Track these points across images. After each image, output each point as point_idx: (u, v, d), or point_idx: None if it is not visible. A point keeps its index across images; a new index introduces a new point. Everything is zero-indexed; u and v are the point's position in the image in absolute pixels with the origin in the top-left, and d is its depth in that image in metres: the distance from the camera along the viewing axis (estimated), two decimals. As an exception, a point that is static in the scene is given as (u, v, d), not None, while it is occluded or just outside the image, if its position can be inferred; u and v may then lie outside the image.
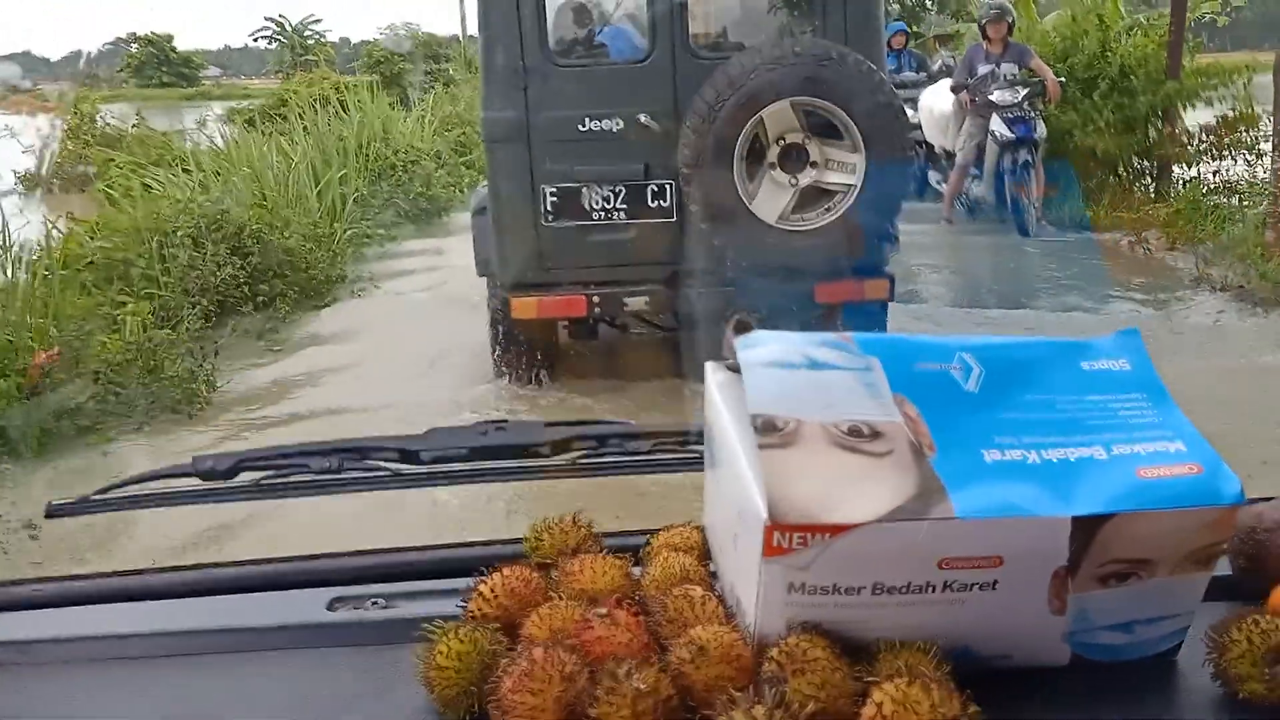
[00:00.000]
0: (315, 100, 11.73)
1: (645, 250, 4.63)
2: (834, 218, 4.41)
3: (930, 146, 9.29)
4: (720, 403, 0.95)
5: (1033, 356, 0.91)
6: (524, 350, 5.00)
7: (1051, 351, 0.92)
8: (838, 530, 0.78)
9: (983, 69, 8.18)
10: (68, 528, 3.23)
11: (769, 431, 0.82)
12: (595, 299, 4.67)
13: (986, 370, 0.89)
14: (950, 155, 8.93)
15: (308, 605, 1.06)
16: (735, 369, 0.98)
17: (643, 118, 4.53)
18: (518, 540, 1.09)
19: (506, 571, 0.96)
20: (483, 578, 0.96)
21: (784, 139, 4.39)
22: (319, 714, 0.89)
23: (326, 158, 9.80)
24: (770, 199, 4.43)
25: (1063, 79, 8.40)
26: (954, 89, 8.49)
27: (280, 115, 11.60)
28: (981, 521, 0.79)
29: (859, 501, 0.79)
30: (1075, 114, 8.72)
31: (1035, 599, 0.83)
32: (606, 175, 4.57)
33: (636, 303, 4.73)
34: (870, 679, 0.78)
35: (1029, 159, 8.03)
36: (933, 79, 9.91)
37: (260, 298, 6.81)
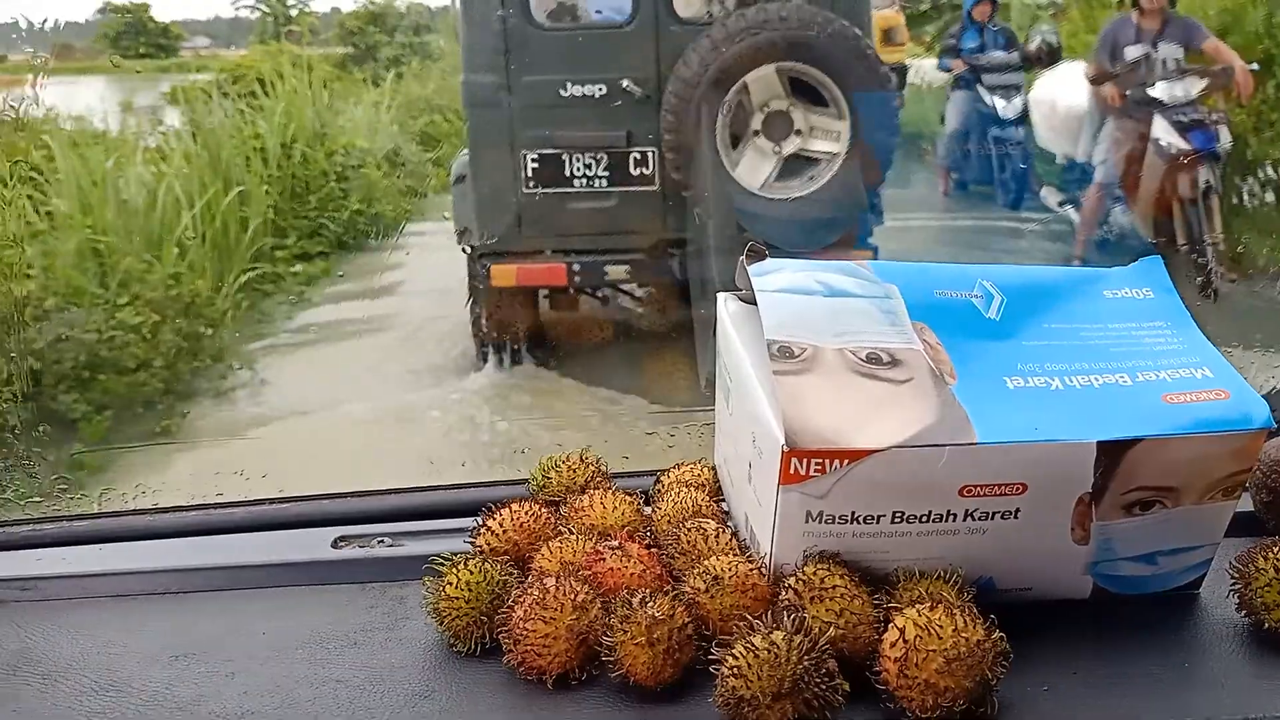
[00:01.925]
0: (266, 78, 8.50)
1: (627, 219, 4.55)
2: (818, 186, 4.37)
3: (1049, 156, 6.94)
4: (733, 333, 0.93)
5: (1054, 285, 0.89)
6: (504, 322, 4.90)
7: (1073, 280, 0.90)
8: (856, 456, 0.76)
9: (1133, 51, 5.70)
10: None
11: (785, 357, 0.80)
12: (575, 268, 4.60)
13: (1008, 298, 0.87)
14: (1080, 169, 6.35)
15: (311, 544, 1.04)
16: (747, 299, 0.96)
17: (625, 83, 4.46)
18: (523, 480, 1.07)
19: (515, 506, 0.95)
20: (490, 513, 0.95)
21: (768, 106, 4.36)
22: (325, 647, 0.87)
23: (221, 167, 6.79)
24: (753, 167, 4.39)
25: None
26: (1094, 79, 6.01)
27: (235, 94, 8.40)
28: (1005, 447, 0.77)
29: (878, 427, 0.77)
30: (1244, 114, 6.04)
31: (1058, 528, 0.81)
32: (588, 142, 4.48)
33: (617, 272, 4.66)
34: (891, 605, 0.77)
35: (1210, 180, 5.41)
36: (1030, 62, 7.48)
37: (40, 428, 3.63)
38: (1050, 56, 7.21)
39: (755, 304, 0.87)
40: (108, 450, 3.80)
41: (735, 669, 0.71)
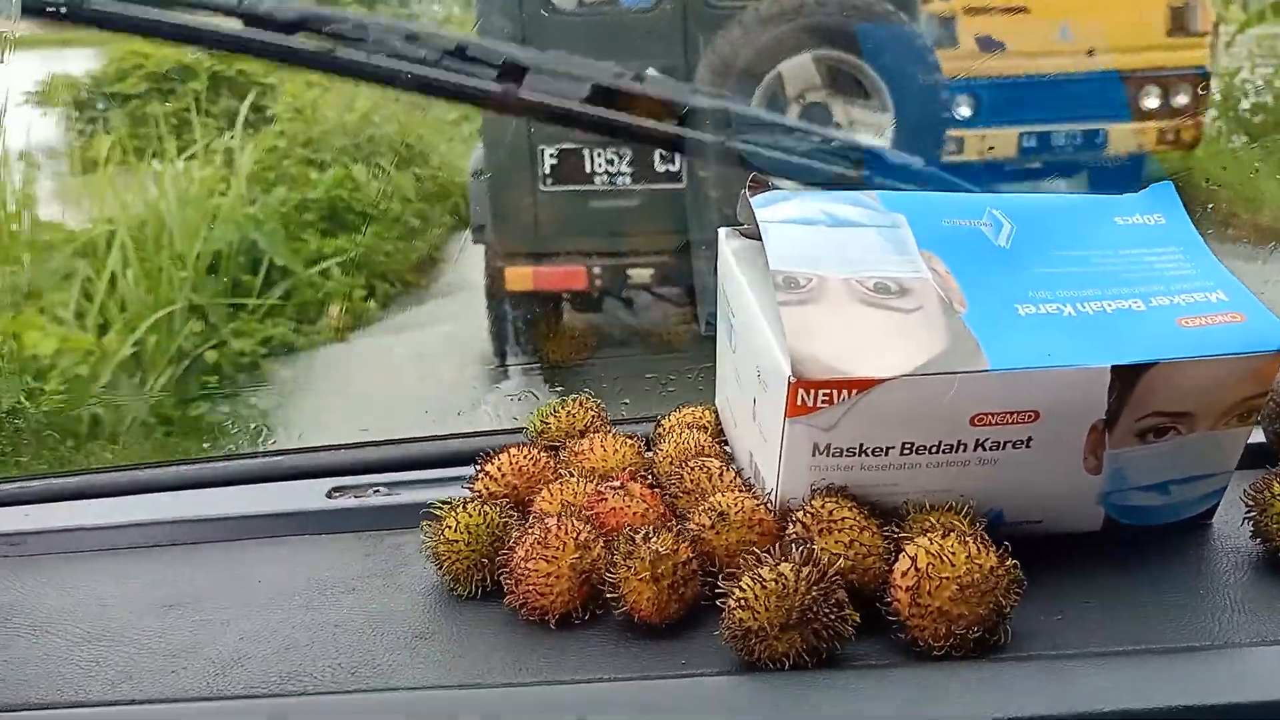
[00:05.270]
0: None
1: (652, 218, 4.25)
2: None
3: None
4: (736, 267, 0.90)
5: (1065, 212, 0.87)
6: (523, 327, 4.61)
7: (1084, 207, 0.88)
8: (864, 385, 0.74)
9: None
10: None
11: (791, 288, 0.78)
12: (596, 270, 4.31)
13: (1017, 226, 0.85)
14: None
15: (306, 494, 1.02)
16: (750, 235, 0.94)
17: (650, 72, 4.32)
18: (520, 429, 1.05)
19: (514, 451, 0.93)
20: (488, 459, 0.93)
21: (804, 97, 4.03)
22: (323, 594, 0.85)
23: None
24: (788, 165, 4.33)
25: None
26: None
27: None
28: (1016, 373, 0.75)
29: (886, 356, 0.75)
30: None
31: (1070, 457, 0.79)
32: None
33: (642, 275, 4.35)
34: (902, 536, 0.75)
35: None
36: None
37: None
38: None
39: (758, 239, 0.85)
40: None
41: (742, 600, 0.69)
